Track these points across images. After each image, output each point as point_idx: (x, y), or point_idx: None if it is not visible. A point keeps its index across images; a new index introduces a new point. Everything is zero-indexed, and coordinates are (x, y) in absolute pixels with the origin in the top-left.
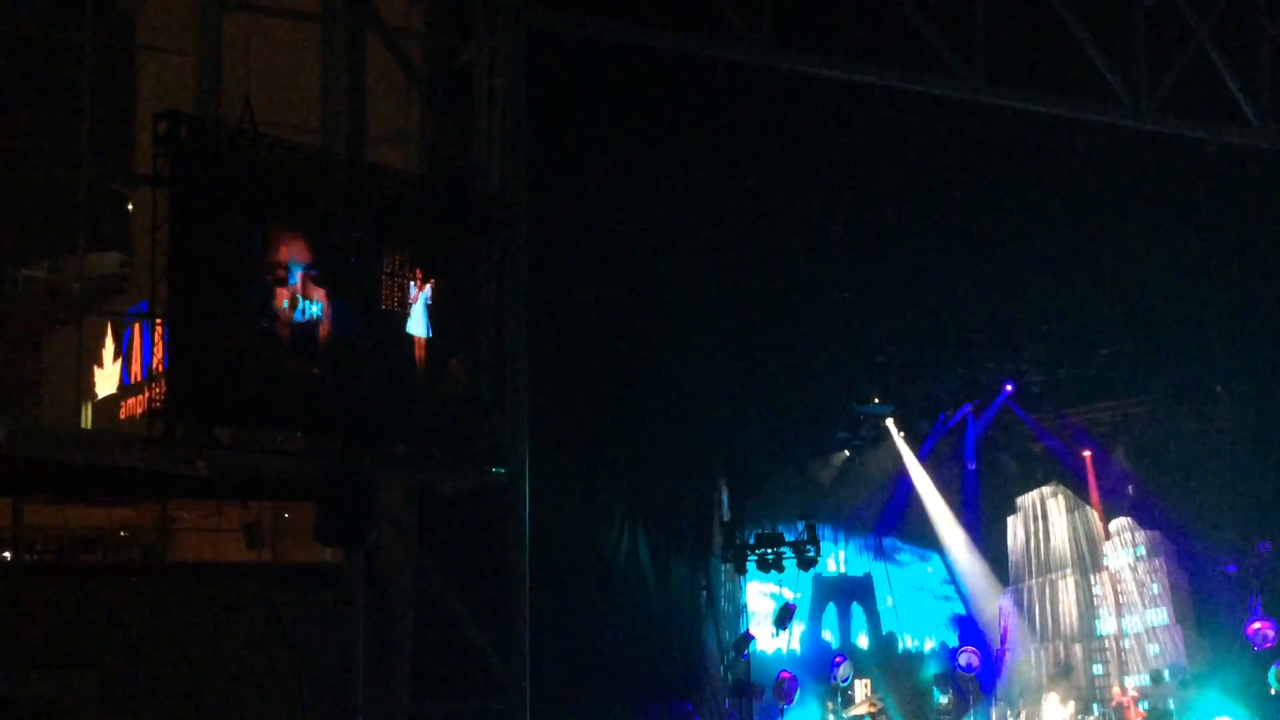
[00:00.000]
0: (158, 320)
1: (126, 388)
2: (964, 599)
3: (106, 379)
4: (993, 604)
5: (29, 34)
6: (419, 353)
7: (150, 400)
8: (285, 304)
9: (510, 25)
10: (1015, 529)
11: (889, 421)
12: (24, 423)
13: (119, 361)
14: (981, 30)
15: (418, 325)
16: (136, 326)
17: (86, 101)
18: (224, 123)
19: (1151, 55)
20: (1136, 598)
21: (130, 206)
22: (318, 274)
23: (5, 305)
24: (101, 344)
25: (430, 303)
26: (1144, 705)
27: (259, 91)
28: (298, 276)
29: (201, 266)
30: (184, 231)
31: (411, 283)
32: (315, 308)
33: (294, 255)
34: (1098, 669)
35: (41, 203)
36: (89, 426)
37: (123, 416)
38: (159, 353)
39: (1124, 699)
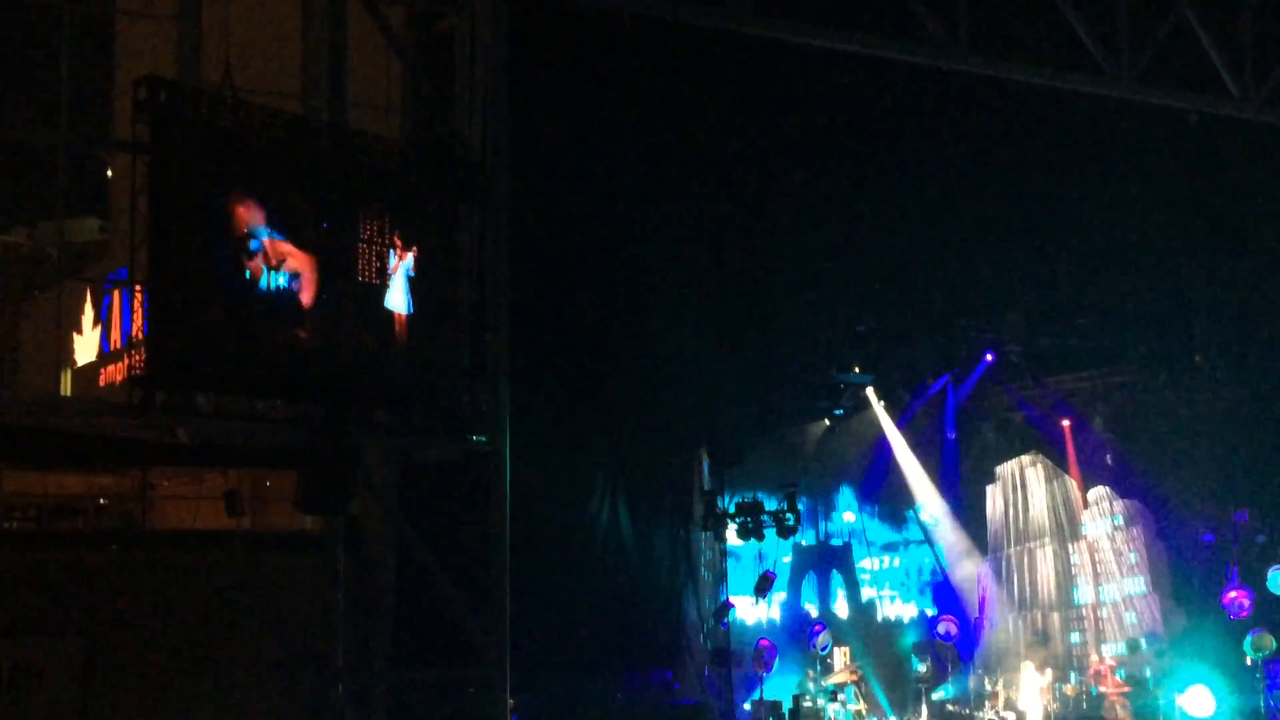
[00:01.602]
0: (137, 287)
1: (106, 355)
2: (942, 568)
3: (86, 346)
4: (971, 573)
5: None
6: (399, 319)
7: (130, 367)
8: (261, 270)
9: None
10: (994, 498)
11: (869, 390)
12: (2, 389)
13: (98, 328)
14: None
15: (399, 294)
16: (116, 293)
17: (65, 65)
18: (204, 88)
19: (1134, 25)
20: (1114, 567)
21: (109, 172)
22: (293, 239)
23: None
24: (81, 310)
25: (412, 273)
26: (1121, 674)
27: (240, 57)
28: (263, 242)
29: (181, 233)
30: (163, 197)
31: (392, 251)
32: (284, 277)
33: (271, 221)
34: (1075, 637)
35: (19, 168)
36: (68, 393)
37: (102, 383)
38: (139, 320)
39: (1101, 667)
